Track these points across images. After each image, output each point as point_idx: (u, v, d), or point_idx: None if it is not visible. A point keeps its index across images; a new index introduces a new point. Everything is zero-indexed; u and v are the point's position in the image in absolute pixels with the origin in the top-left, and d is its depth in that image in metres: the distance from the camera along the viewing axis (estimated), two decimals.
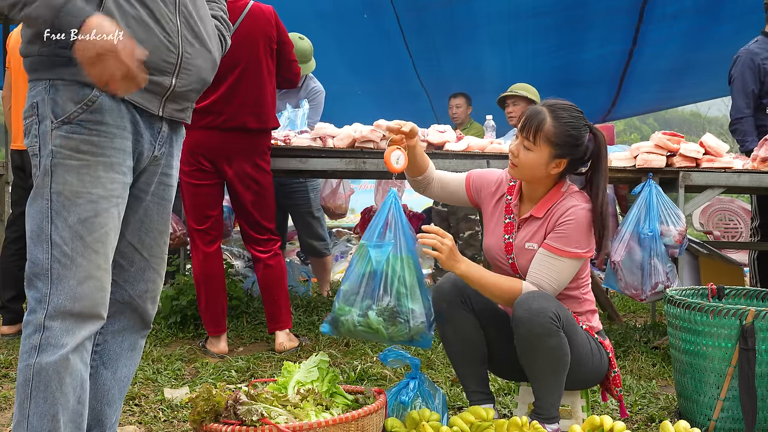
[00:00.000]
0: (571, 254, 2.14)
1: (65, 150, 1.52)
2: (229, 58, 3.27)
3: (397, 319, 2.11)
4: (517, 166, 2.21)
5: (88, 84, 1.52)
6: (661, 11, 5.96)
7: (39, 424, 1.49)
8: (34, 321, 1.51)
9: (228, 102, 3.27)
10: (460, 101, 6.16)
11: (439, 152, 3.79)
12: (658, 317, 4.14)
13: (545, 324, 2.02)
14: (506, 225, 2.29)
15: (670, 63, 7.05)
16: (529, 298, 2.07)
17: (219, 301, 3.39)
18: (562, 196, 2.22)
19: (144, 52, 1.48)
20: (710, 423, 2.32)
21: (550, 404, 2.13)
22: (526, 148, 2.17)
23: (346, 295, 2.17)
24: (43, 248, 1.52)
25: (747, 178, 3.57)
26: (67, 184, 1.52)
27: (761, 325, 2.23)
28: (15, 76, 3.66)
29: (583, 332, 2.20)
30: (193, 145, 3.28)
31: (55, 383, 1.50)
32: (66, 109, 1.52)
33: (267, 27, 3.34)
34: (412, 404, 2.23)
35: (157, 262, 1.78)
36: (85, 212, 1.53)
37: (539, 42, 6.59)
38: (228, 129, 3.27)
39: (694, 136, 6.51)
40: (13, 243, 3.71)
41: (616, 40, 6.56)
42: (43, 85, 1.54)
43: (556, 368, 2.08)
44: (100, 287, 1.56)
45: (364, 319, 2.12)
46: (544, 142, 2.15)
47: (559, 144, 2.15)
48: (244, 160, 3.32)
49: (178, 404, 2.59)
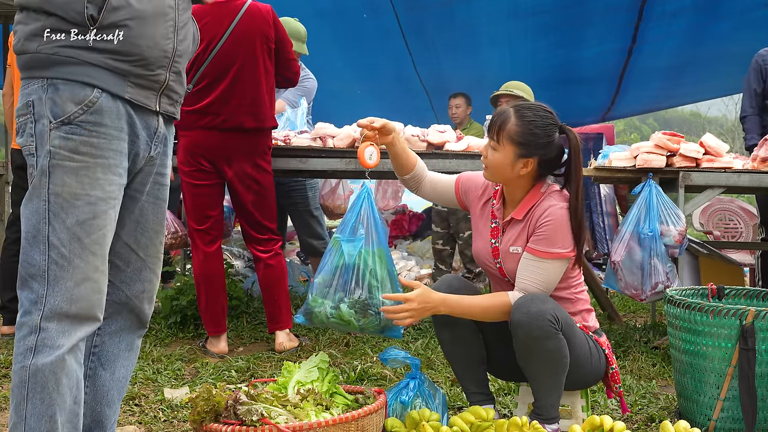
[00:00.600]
0: (555, 255, 2.12)
1: (64, 151, 1.51)
2: (226, 58, 3.28)
3: (368, 311, 2.22)
4: (486, 167, 2.22)
5: (89, 84, 1.51)
6: (660, 9, 5.97)
7: (37, 425, 1.48)
8: (30, 322, 1.50)
9: (226, 102, 3.27)
10: (459, 101, 6.16)
11: (439, 152, 3.79)
12: (658, 317, 4.14)
13: (543, 326, 2.02)
14: (492, 230, 2.29)
15: (669, 61, 7.06)
16: (527, 302, 2.06)
17: (219, 301, 3.39)
18: (541, 197, 2.20)
19: None
20: (710, 423, 2.32)
21: (550, 405, 2.13)
22: (492, 148, 2.18)
23: (320, 288, 2.28)
24: (40, 249, 1.51)
25: (747, 178, 3.57)
26: (66, 185, 1.51)
27: (761, 325, 2.23)
28: (16, 75, 3.66)
29: (582, 333, 2.20)
30: (193, 145, 3.28)
31: (52, 384, 1.49)
32: (66, 109, 1.51)
33: (264, 26, 3.33)
34: (412, 404, 2.23)
35: (153, 262, 1.77)
36: (83, 214, 1.52)
37: (538, 40, 6.60)
38: (227, 129, 3.27)
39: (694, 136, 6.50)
40: (14, 243, 3.70)
41: (615, 38, 6.57)
42: (40, 84, 1.52)
43: (555, 370, 2.08)
44: (96, 289, 1.56)
45: (336, 311, 2.23)
46: (507, 141, 2.14)
47: (522, 143, 2.13)
48: (243, 160, 3.32)
49: (178, 404, 2.59)
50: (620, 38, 6.57)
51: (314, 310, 2.27)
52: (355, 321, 2.21)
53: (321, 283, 2.27)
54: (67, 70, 1.51)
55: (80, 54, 1.51)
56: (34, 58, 1.52)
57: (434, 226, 5.80)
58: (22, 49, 1.54)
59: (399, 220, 6.93)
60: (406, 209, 6.97)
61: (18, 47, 1.55)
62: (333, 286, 2.25)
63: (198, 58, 3.27)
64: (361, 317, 2.21)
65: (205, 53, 3.26)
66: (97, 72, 1.53)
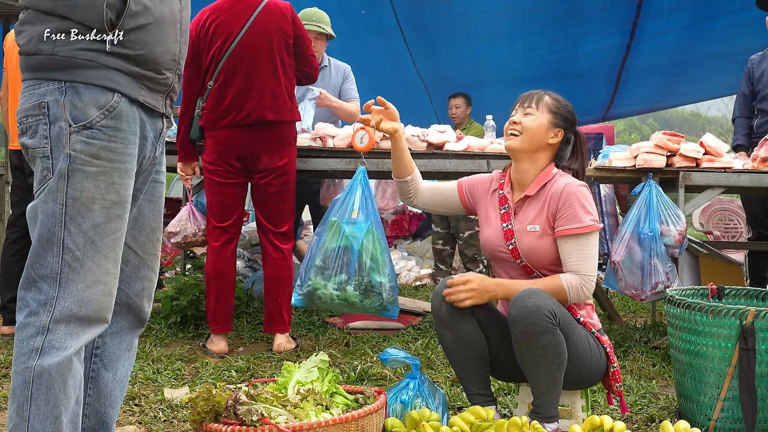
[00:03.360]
0: (589, 227, 2.19)
1: (84, 156, 1.51)
2: (243, 53, 3.33)
3: (371, 292, 2.29)
4: (520, 132, 2.29)
5: (110, 89, 1.52)
6: (658, 6, 5.98)
7: (41, 426, 1.48)
8: (36, 323, 1.49)
9: (247, 97, 3.32)
10: (459, 101, 6.16)
11: (439, 152, 3.79)
12: (658, 317, 4.14)
13: (540, 322, 2.03)
14: (503, 215, 2.33)
15: (667, 57, 7.08)
16: (524, 297, 2.07)
17: (229, 300, 3.44)
18: (554, 176, 2.29)
19: None
20: (710, 423, 2.32)
21: (548, 403, 2.12)
22: (528, 114, 2.29)
23: (321, 270, 2.33)
24: (54, 252, 1.50)
25: (747, 178, 3.57)
26: (84, 190, 1.51)
27: (761, 325, 2.23)
28: (12, 77, 3.65)
29: (581, 329, 2.20)
30: (222, 145, 3.35)
31: (59, 385, 1.49)
32: (88, 113, 1.51)
33: (282, 22, 3.39)
34: (412, 404, 2.23)
35: (152, 260, 1.78)
36: (98, 218, 1.53)
37: (537, 35, 6.62)
38: (251, 124, 3.33)
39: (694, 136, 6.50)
40: (15, 243, 3.70)
41: (613, 33, 6.59)
42: (56, 86, 1.51)
43: (552, 366, 2.08)
44: (107, 292, 1.56)
45: (341, 293, 2.31)
46: (545, 109, 2.29)
47: (557, 114, 2.30)
48: (271, 152, 3.37)
49: (178, 404, 2.59)
50: (618, 34, 6.58)
51: (317, 293, 2.32)
52: (360, 302, 2.29)
53: (321, 266, 2.32)
54: (88, 73, 1.51)
55: (99, 57, 1.52)
56: (50, 60, 1.51)
57: (434, 226, 5.80)
58: (35, 50, 1.52)
59: (399, 220, 6.93)
60: (406, 209, 6.96)
61: (29, 47, 1.53)
62: (333, 268, 2.31)
63: (216, 53, 3.32)
64: (365, 298, 2.26)
65: (223, 48, 3.31)
66: (117, 76, 1.54)
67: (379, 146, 3.78)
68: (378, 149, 3.78)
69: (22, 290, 1.53)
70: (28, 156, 1.58)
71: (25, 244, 3.67)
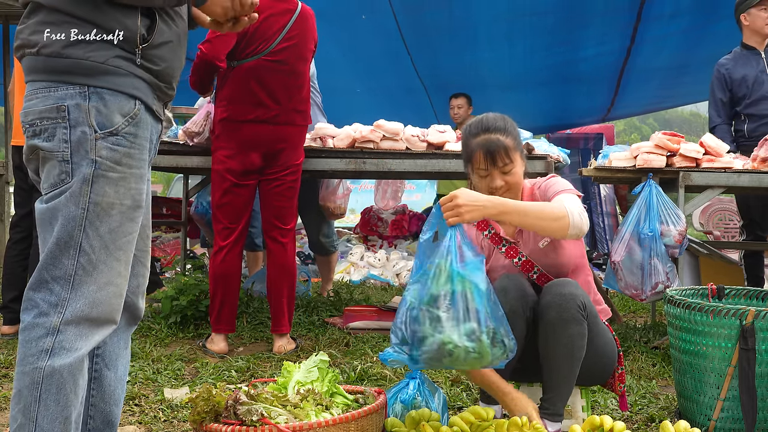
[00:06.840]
0: (570, 191, 2.19)
1: (109, 162, 1.53)
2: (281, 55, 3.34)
3: (496, 341, 1.92)
4: (510, 187, 2.22)
5: (133, 96, 1.55)
6: (659, 10, 5.98)
7: (50, 427, 1.47)
8: (46, 324, 1.49)
9: (277, 100, 3.36)
10: (461, 101, 6.17)
11: (439, 152, 3.79)
12: (658, 317, 4.14)
13: (572, 310, 2.06)
14: (505, 252, 2.28)
15: (668, 61, 7.08)
16: (559, 285, 2.12)
17: (233, 300, 3.46)
18: (531, 188, 2.31)
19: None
20: (710, 423, 2.32)
21: (558, 398, 2.12)
22: (505, 172, 2.21)
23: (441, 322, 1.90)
24: (70, 254, 1.51)
25: (747, 178, 3.57)
26: (106, 195, 1.53)
27: (761, 325, 2.23)
28: (21, 73, 3.64)
29: (604, 326, 2.25)
30: (245, 141, 3.35)
31: (70, 385, 1.49)
32: (114, 120, 1.53)
33: (312, 29, 3.49)
34: (412, 404, 2.23)
35: (144, 256, 1.79)
36: (115, 222, 1.55)
37: (537, 39, 6.61)
38: (280, 123, 3.38)
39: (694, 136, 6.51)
40: (18, 244, 3.70)
41: (614, 38, 6.58)
42: (77, 90, 1.51)
43: (573, 358, 2.09)
44: (118, 294, 1.58)
45: (476, 344, 1.89)
46: (514, 151, 2.23)
47: (518, 143, 2.27)
48: (290, 152, 3.44)
49: (178, 404, 2.59)
50: (619, 38, 6.58)
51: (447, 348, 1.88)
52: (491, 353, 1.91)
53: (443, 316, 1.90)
54: (116, 80, 1.53)
55: (128, 66, 1.54)
56: (79, 65, 1.51)
57: None
58: (62, 53, 1.50)
59: (399, 220, 6.92)
60: (406, 209, 6.95)
61: (50, 50, 1.50)
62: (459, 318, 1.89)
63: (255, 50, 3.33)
64: (493, 347, 1.90)
65: (267, 45, 3.33)
66: (141, 84, 1.57)
67: (379, 146, 3.79)
68: (378, 149, 3.78)
69: (31, 291, 1.54)
70: (32, 156, 1.57)
71: (28, 244, 3.67)
